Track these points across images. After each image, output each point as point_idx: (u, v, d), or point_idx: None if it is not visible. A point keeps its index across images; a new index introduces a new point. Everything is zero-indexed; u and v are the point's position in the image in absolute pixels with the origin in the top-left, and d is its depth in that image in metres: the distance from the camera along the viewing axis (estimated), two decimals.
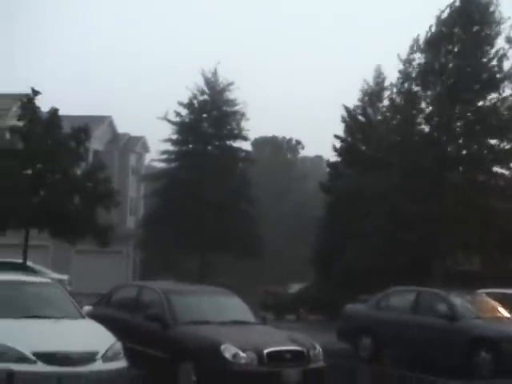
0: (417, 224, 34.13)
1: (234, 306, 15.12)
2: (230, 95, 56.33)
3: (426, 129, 38.37)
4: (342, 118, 43.94)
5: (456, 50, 37.60)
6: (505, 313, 19.34)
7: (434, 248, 35.08)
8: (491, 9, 37.38)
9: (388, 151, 37.53)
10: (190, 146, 56.02)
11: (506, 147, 36.86)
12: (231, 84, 56.07)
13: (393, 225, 35.12)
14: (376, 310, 20.60)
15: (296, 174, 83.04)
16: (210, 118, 55.99)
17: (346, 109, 44.05)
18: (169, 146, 56.18)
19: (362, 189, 37.07)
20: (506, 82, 36.89)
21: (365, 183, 37.06)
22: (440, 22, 37.79)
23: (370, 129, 41.59)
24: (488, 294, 20.92)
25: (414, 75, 37.88)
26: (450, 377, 16.34)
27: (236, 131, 56.59)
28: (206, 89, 56.16)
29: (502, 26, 37.12)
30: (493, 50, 37.14)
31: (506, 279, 25.86)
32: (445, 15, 37.81)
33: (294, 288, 43.78)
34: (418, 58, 38.02)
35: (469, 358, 17.44)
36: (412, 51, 37.79)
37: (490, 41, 37.30)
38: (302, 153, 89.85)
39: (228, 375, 12.50)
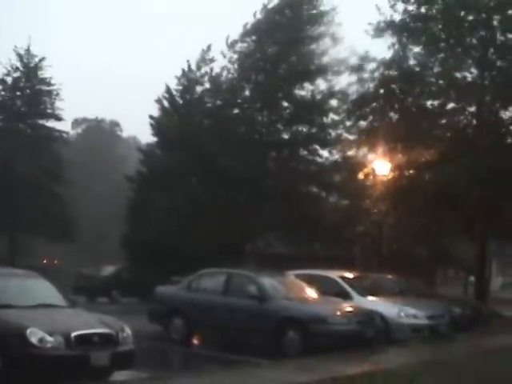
0: (213, 209, 34.87)
1: (42, 289, 14.72)
2: (45, 73, 55.12)
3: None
4: (161, 98, 43.20)
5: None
6: (312, 294, 19.86)
7: (241, 230, 35.75)
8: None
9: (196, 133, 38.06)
10: (2, 123, 54.41)
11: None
12: (43, 59, 54.86)
13: (190, 207, 35.79)
14: (187, 292, 20.68)
15: (115, 155, 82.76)
16: (23, 96, 54.61)
17: (168, 90, 43.14)
18: None
19: (169, 169, 37.26)
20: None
21: (171, 163, 37.29)
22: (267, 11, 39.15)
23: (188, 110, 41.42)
24: (297, 276, 21.47)
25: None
26: (260, 356, 16.66)
27: (50, 110, 55.39)
28: (19, 66, 54.58)
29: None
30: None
31: (313, 261, 26.80)
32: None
33: (108, 270, 43.22)
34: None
35: (278, 338, 17.82)
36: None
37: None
38: (121, 134, 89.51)
39: (34, 360, 12.15)
